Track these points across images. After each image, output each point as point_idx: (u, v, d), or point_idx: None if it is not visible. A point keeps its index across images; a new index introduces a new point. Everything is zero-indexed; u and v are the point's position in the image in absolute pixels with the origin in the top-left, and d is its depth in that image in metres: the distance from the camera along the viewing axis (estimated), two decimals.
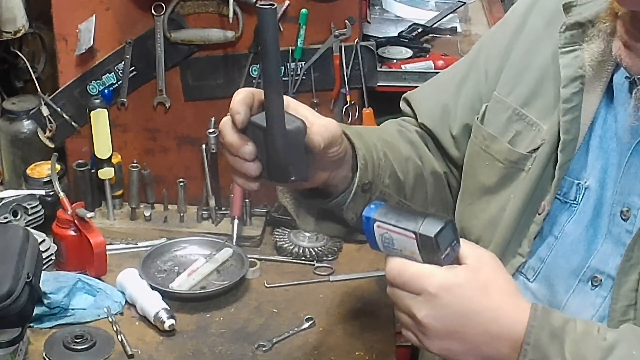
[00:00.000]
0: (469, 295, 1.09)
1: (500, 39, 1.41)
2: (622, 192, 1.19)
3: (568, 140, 1.23)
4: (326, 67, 1.95)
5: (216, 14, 1.90)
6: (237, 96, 1.17)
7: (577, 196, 1.24)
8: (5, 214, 1.82)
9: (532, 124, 1.30)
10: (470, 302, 1.09)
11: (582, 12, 1.25)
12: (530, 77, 1.32)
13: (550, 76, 1.29)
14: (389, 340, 1.65)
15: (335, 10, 1.90)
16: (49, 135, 1.99)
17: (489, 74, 1.41)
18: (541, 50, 1.32)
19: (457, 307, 1.08)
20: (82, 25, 1.89)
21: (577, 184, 1.24)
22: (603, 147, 1.23)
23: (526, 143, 1.30)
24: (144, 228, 1.96)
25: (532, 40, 1.34)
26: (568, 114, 1.23)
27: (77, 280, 1.71)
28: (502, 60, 1.38)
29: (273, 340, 1.63)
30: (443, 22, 2.37)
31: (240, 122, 1.15)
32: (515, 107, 1.33)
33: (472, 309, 1.09)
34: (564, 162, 1.23)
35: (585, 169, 1.24)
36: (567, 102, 1.23)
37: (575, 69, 1.23)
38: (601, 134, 1.23)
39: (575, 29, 1.24)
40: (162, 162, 2.02)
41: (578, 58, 1.23)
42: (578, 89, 1.23)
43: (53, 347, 1.59)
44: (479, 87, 1.42)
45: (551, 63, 1.28)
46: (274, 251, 1.91)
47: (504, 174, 1.32)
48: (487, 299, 1.09)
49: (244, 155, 1.16)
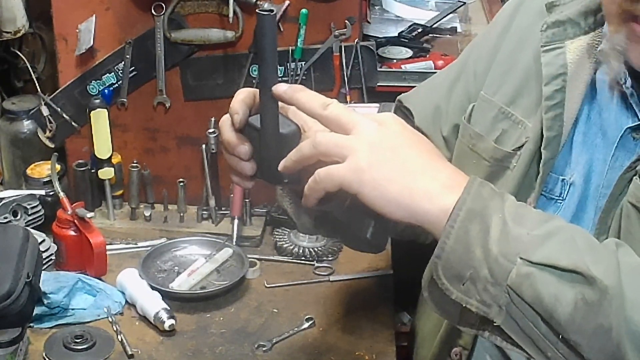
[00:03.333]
0: (409, 134, 1.07)
1: (488, 39, 1.43)
2: (607, 185, 1.21)
3: (551, 137, 1.24)
4: (326, 67, 1.95)
5: (216, 14, 1.90)
6: (238, 96, 1.17)
7: (562, 192, 1.26)
8: (5, 214, 1.82)
9: (517, 122, 1.32)
10: (412, 135, 1.07)
11: (564, 10, 1.27)
12: (515, 76, 1.34)
13: (533, 75, 1.30)
14: (389, 340, 1.65)
15: (335, 10, 1.90)
16: (49, 135, 1.99)
17: (477, 74, 1.43)
18: (526, 50, 1.33)
19: (398, 136, 1.06)
20: (82, 25, 1.89)
21: (562, 180, 1.26)
22: (587, 143, 1.24)
23: (512, 141, 1.31)
24: (144, 228, 1.96)
25: (518, 40, 1.36)
26: (550, 111, 1.24)
27: (77, 280, 1.71)
28: (490, 60, 1.40)
29: (273, 340, 1.63)
30: (443, 22, 2.38)
31: (238, 122, 1.16)
32: (501, 105, 1.35)
33: (414, 140, 1.07)
34: (548, 158, 1.24)
35: (569, 165, 1.25)
36: (550, 100, 1.24)
37: (557, 66, 1.24)
38: (585, 130, 1.25)
39: (556, 27, 1.26)
40: (162, 162, 2.02)
41: (560, 56, 1.24)
42: (560, 86, 1.24)
43: (53, 347, 1.59)
44: (468, 87, 1.45)
45: (534, 62, 1.30)
46: (274, 251, 1.91)
47: (490, 172, 1.33)
48: (427, 143, 1.09)
49: (240, 155, 1.16)
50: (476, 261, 1.00)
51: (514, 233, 1.00)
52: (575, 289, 0.98)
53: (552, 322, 0.99)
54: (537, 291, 0.99)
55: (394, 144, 1.05)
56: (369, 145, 1.04)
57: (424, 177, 1.03)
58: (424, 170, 1.04)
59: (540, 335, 1.00)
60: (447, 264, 1.02)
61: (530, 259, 0.99)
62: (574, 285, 0.98)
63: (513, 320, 1.01)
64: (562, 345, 1.00)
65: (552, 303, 0.99)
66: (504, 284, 0.99)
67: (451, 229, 1.01)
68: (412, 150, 1.06)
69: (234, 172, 1.20)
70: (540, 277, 0.99)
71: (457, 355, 1.39)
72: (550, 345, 1.00)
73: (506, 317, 1.01)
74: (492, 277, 1.00)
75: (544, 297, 0.99)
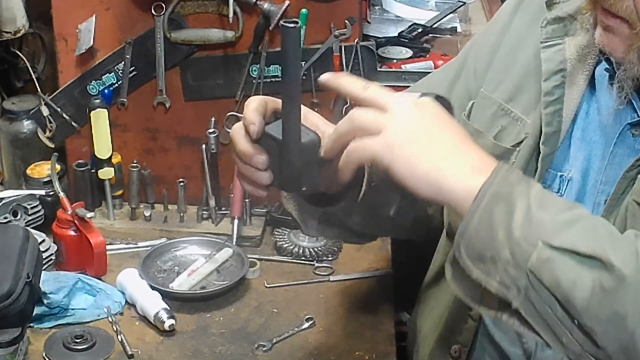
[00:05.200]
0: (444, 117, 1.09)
1: (488, 37, 1.44)
2: (606, 181, 1.21)
3: (550, 132, 1.24)
4: (326, 67, 1.94)
5: (216, 14, 1.90)
6: (250, 104, 1.16)
7: (561, 188, 1.26)
8: (5, 214, 1.82)
9: (517, 119, 1.32)
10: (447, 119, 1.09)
11: (564, 7, 1.28)
12: (515, 73, 1.35)
13: (533, 71, 1.31)
14: (389, 340, 1.65)
15: (335, 10, 1.90)
16: (49, 135, 1.99)
17: (477, 72, 1.43)
18: (525, 47, 1.34)
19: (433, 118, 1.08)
20: (82, 25, 1.89)
21: (561, 176, 1.26)
22: (586, 139, 1.25)
23: (511, 138, 1.32)
24: (144, 228, 1.96)
25: (517, 37, 1.37)
26: (550, 106, 1.25)
27: (77, 280, 1.71)
28: (490, 58, 1.41)
29: (273, 340, 1.63)
30: (443, 22, 2.37)
31: (255, 132, 1.14)
32: (501, 102, 1.35)
33: (448, 123, 1.09)
34: (547, 154, 1.25)
35: (568, 161, 1.26)
36: (549, 95, 1.25)
37: (557, 62, 1.25)
38: (583, 126, 1.25)
39: (556, 23, 1.27)
40: (162, 162, 2.02)
41: (560, 52, 1.25)
42: (559, 82, 1.25)
43: (53, 347, 1.59)
44: (468, 85, 1.45)
45: (534, 58, 1.30)
46: (274, 251, 1.91)
47: None
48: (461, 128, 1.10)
49: (257, 165, 1.15)
50: (498, 243, 1.01)
51: (538, 218, 1.01)
52: (593, 275, 0.99)
53: (568, 307, 1.00)
54: (555, 275, 1.00)
55: (428, 125, 1.07)
56: (403, 122, 1.06)
57: (455, 158, 1.05)
58: (455, 152, 1.06)
59: (557, 319, 1.01)
60: (469, 244, 1.03)
61: (552, 243, 1.00)
62: (592, 271, 0.99)
63: (531, 304, 1.02)
64: (577, 331, 1.01)
65: (569, 287, 0.99)
66: (524, 267, 1.00)
67: (476, 209, 1.02)
68: (445, 132, 1.07)
69: (248, 181, 1.19)
70: (560, 261, 1.00)
71: (456, 352, 1.40)
72: (565, 330, 1.01)
73: (524, 299, 1.02)
74: (513, 259, 1.01)
75: (562, 281, 1.00)
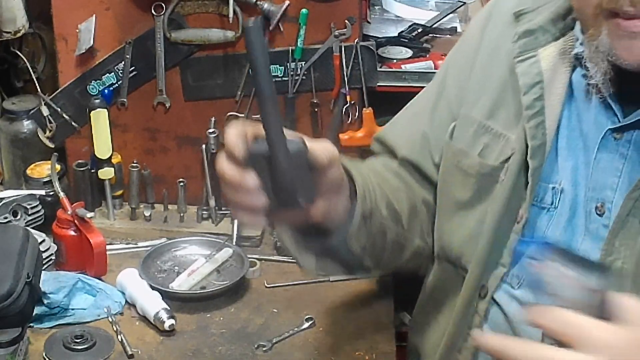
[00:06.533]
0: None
1: (462, 57, 1.42)
2: (594, 188, 1.20)
3: (536, 145, 1.23)
4: (326, 67, 1.95)
5: (216, 14, 1.90)
6: (230, 130, 1.11)
7: (554, 200, 1.24)
8: (5, 214, 1.82)
9: (498, 135, 1.31)
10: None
11: (532, 18, 1.27)
12: (491, 90, 1.33)
13: (509, 86, 1.30)
14: (389, 340, 1.65)
15: (335, 10, 1.91)
16: (49, 135, 1.99)
17: (457, 93, 1.41)
18: (499, 62, 1.33)
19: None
20: (82, 25, 1.90)
21: (552, 187, 1.24)
22: (571, 148, 1.24)
23: (495, 154, 1.30)
24: (144, 228, 1.96)
25: (490, 53, 1.35)
26: (532, 120, 1.23)
27: (77, 280, 1.71)
28: (466, 77, 1.39)
29: (273, 340, 1.63)
30: (443, 22, 2.37)
31: (240, 154, 1.09)
32: (480, 120, 1.34)
33: None
34: (535, 168, 1.23)
35: (557, 172, 1.24)
36: (530, 109, 1.23)
37: (533, 75, 1.24)
38: (567, 135, 1.24)
39: (527, 36, 1.26)
40: (162, 162, 2.02)
41: (535, 64, 1.24)
42: (538, 94, 1.23)
43: (53, 347, 1.59)
44: (450, 107, 1.42)
45: (509, 73, 1.29)
46: (274, 251, 1.91)
47: (478, 187, 1.32)
48: None
49: (247, 185, 1.10)
50: None
51: None
52: None
53: None
54: None
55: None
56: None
57: None
58: None
59: None
60: None
61: None
62: None
63: None
64: None
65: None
66: None
67: None
68: None
69: (243, 209, 1.13)
70: None
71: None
72: None
73: None
74: None
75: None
